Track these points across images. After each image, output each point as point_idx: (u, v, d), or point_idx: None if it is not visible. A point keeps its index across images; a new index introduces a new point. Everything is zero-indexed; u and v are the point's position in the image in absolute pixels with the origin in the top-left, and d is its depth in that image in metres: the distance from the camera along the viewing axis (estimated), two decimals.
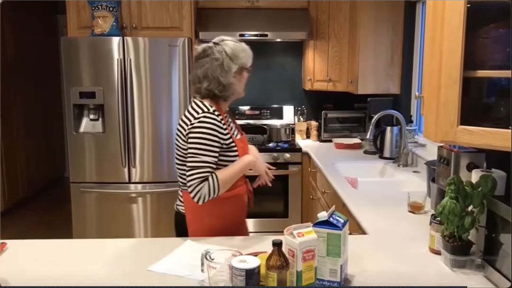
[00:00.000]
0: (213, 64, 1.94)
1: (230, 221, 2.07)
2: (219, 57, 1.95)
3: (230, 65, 1.97)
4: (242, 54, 2.02)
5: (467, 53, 1.49)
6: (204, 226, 1.98)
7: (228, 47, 1.99)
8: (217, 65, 1.94)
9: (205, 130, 1.87)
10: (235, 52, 2.00)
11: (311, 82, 4.23)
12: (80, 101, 3.61)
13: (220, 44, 1.99)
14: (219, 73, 1.94)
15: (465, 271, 1.57)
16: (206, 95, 1.98)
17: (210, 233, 1.95)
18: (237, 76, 2.01)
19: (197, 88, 2.00)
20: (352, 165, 3.32)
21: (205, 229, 1.97)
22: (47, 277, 1.56)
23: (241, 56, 2.02)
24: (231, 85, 1.97)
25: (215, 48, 1.97)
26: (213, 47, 1.98)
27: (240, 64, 2.01)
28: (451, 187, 1.58)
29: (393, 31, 3.68)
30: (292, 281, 1.39)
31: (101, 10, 3.56)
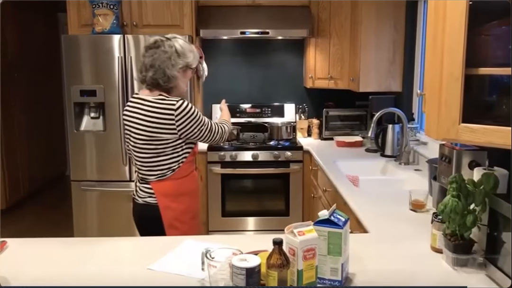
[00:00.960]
0: (161, 56, 2.12)
1: (194, 199, 2.35)
2: (168, 50, 2.13)
3: (177, 60, 2.14)
4: (189, 54, 2.20)
5: (469, 50, 1.48)
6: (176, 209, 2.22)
7: (178, 44, 2.17)
8: (165, 57, 2.12)
9: (191, 110, 2.13)
10: (184, 50, 2.18)
11: (313, 80, 4.22)
12: (81, 99, 3.61)
13: (171, 40, 2.18)
14: (166, 65, 2.12)
15: (467, 269, 1.56)
16: (151, 83, 2.16)
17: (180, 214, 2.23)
18: (181, 72, 2.18)
19: (142, 76, 2.18)
20: (354, 163, 3.32)
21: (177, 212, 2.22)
22: (48, 276, 1.56)
23: (188, 55, 2.19)
24: (175, 78, 2.15)
25: (166, 42, 2.16)
26: (165, 41, 2.17)
27: (186, 62, 2.18)
28: (453, 185, 1.58)
29: (395, 28, 3.67)
30: (293, 280, 1.39)
31: (101, 8, 3.55)
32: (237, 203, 3.99)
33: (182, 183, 2.24)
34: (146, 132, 2.13)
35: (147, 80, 2.16)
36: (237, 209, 3.99)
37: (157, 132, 2.12)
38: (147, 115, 2.12)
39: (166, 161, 2.17)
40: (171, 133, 2.12)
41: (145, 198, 2.23)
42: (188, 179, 2.27)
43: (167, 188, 2.21)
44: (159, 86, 2.16)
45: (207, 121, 2.23)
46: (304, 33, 4.05)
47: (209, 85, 4.35)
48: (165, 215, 2.20)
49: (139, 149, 2.19)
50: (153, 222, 2.19)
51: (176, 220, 2.22)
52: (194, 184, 2.35)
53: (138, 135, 2.16)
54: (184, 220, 2.24)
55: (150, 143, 2.14)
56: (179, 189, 2.23)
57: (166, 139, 2.13)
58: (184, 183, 2.25)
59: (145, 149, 2.16)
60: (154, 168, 2.19)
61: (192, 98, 3.73)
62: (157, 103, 2.12)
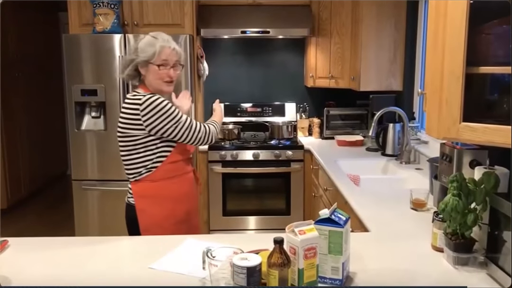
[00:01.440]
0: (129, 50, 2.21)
1: (182, 204, 2.20)
2: (132, 46, 2.18)
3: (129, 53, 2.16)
4: (149, 49, 2.11)
5: (470, 49, 1.48)
6: (153, 213, 2.13)
7: (142, 41, 2.15)
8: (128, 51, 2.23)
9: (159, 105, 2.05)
10: (143, 47, 2.11)
11: (313, 79, 4.22)
12: (81, 99, 3.62)
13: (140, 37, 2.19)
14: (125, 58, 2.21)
15: (468, 268, 1.56)
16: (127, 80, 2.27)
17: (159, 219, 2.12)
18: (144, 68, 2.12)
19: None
20: (354, 163, 3.32)
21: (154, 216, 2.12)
22: (49, 275, 1.56)
23: (146, 50, 2.11)
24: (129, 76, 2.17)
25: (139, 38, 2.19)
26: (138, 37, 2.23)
27: (143, 58, 2.11)
28: (454, 184, 1.58)
29: (396, 27, 3.66)
30: (294, 279, 1.39)
31: (102, 7, 3.56)
32: (238, 202, 3.99)
33: (163, 186, 2.14)
34: (120, 129, 2.13)
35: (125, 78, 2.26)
36: (238, 208, 3.99)
37: (127, 128, 2.10)
38: (121, 112, 2.14)
39: (138, 159, 2.12)
40: (139, 129, 2.07)
41: (128, 197, 2.21)
42: (172, 182, 2.16)
43: (144, 189, 2.14)
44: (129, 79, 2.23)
45: (184, 118, 2.12)
46: (304, 32, 4.05)
47: (210, 84, 4.36)
48: (141, 218, 2.13)
49: (120, 147, 2.17)
50: (132, 223, 2.16)
51: (155, 225, 2.12)
52: (183, 188, 2.23)
53: (118, 132, 2.16)
54: (165, 225, 2.12)
55: (123, 140, 2.13)
56: (159, 192, 2.15)
57: (135, 135, 2.09)
58: (166, 186, 2.15)
59: (121, 146, 2.15)
60: (129, 167, 2.15)
61: (193, 97, 3.73)
62: (129, 99, 2.12)
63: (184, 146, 2.18)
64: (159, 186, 2.13)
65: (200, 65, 3.97)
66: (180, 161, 2.20)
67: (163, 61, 2.11)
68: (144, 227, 2.13)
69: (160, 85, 2.14)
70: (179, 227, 2.14)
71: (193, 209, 2.30)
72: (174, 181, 2.17)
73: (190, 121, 2.14)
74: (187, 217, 2.22)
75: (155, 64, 2.10)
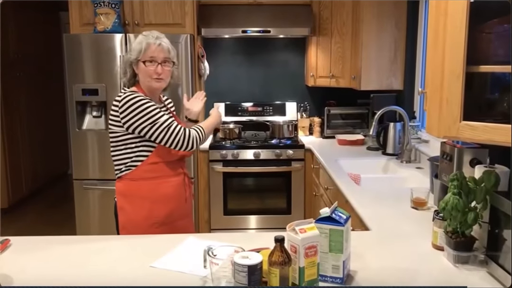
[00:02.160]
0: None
1: (163, 205, 2.16)
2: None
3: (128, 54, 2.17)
4: (136, 47, 2.12)
5: (470, 48, 1.48)
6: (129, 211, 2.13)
7: (135, 41, 2.15)
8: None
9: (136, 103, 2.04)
10: (135, 44, 2.13)
11: (314, 78, 4.22)
12: (82, 98, 3.62)
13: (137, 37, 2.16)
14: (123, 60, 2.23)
15: (468, 267, 1.57)
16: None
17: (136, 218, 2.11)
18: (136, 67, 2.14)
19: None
20: (355, 162, 3.32)
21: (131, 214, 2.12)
22: (50, 274, 1.57)
23: (135, 48, 2.12)
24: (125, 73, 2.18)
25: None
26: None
27: (136, 56, 2.12)
28: (454, 183, 1.58)
29: (396, 27, 3.67)
30: (295, 277, 1.39)
31: (103, 7, 3.56)
32: (239, 201, 3.99)
33: (141, 186, 2.12)
34: (109, 129, 2.16)
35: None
36: (239, 207, 3.99)
37: (110, 124, 2.12)
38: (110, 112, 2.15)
39: (119, 156, 2.14)
40: (118, 125, 2.09)
41: (114, 197, 2.23)
42: (152, 183, 2.13)
43: (122, 187, 2.16)
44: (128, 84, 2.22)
45: (163, 119, 2.06)
46: (305, 32, 4.05)
47: (210, 84, 4.36)
48: (120, 215, 2.17)
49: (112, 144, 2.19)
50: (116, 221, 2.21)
51: (132, 223, 2.13)
52: (164, 190, 2.16)
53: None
54: (143, 226, 2.09)
55: (109, 137, 2.15)
56: (137, 192, 2.13)
57: (115, 131, 2.11)
58: (145, 187, 2.12)
59: (111, 147, 2.17)
60: (114, 163, 2.17)
61: None
62: (115, 100, 2.14)
63: (166, 148, 2.12)
64: (138, 186, 2.12)
65: (201, 64, 3.97)
66: (161, 163, 2.15)
67: (150, 57, 2.10)
68: (122, 225, 2.16)
69: (149, 82, 2.13)
70: (159, 228, 2.10)
71: (177, 212, 2.22)
72: (154, 182, 2.13)
73: (169, 123, 2.07)
74: (168, 220, 2.16)
75: (142, 61, 2.10)
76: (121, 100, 2.06)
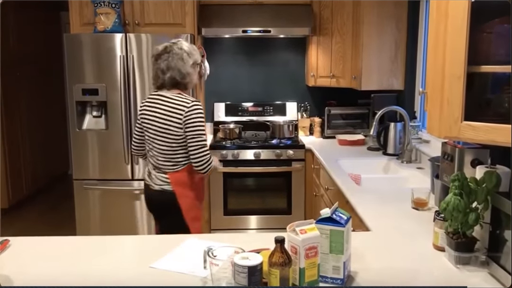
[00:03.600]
0: (174, 58, 2.42)
1: (201, 189, 2.62)
2: (179, 52, 2.43)
3: (187, 58, 2.44)
4: (194, 52, 2.50)
5: (471, 48, 1.48)
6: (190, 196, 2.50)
7: (184, 45, 2.47)
8: (177, 58, 2.42)
9: (200, 115, 2.39)
10: (190, 49, 2.48)
11: (314, 78, 4.22)
12: (83, 98, 3.62)
13: (178, 43, 2.47)
14: (180, 64, 2.43)
15: (469, 267, 1.56)
16: (170, 83, 2.45)
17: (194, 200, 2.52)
18: (193, 68, 2.49)
19: (161, 80, 2.46)
20: (356, 162, 3.32)
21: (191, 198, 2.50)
22: (50, 275, 1.56)
23: (194, 53, 2.49)
24: (189, 74, 2.46)
25: (175, 46, 2.45)
26: (173, 45, 2.45)
27: (194, 59, 2.48)
28: (455, 183, 1.57)
29: (397, 27, 3.66)
30: (295, 278, 1.39)
31: (103, 7, 3.55)
32: (239, 201, 3.99)
33: (194, 176, 2.49)
34: (162, 125, 2.40)
35: (165, 82, 2.45)
36: (239, 207, 3.99)
37: (170, 125, 2.38)
38: (164, 109, 2.41)
39: (180, 153, 2.42)
40: (179, 125, 2.37)
41: (162, 185, 2.48)
42: (199, 174, 2.50)
43: (183, 178, 2.46)
44: (178, 84, 2.46)
45: (205, 137, 2.42)
46: (306, 32, 4.04)
47: (211, 83, 4.36)
48: (182, 201, 2.46)
49: (157, 141, 2.44)
50: (170, 207, 2.46)
51: (193, 206, 2.51)
52: (203, 180, 2.64)
53: (156, 127, 2.43)
54: (199, 207, 2.57)
55: (166, 136, 2.40)
56: (193, 180, 2.50)
57: (177, 132, 2.38)
58: (196, 176, 2.51)
59: (162, 141, 2.42)
60: (171, 159, 2.44)
61: (194, 96, 3.73)
62: (174, 99, 2.40)
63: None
64: (194, 176, 2.49)
65: (201, 64, 3.96)
66: None
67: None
68: (186, 208, 2.48)
69: (196, 81, 2.58)
70: (202, 205, 2.64)
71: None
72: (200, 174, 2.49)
73: (206, 141, 2.42)
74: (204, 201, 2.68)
75: (198, 62, 2.52)
76: (189, 106, 2.36)
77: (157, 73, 2.46)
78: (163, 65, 2.43)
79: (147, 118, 2.48)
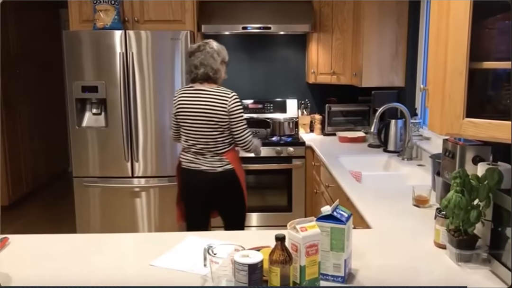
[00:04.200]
0: (206, 55, 2.75)
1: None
2: (210, 51, 2.77)
3: (217, 57, 2.78)
4: (223, 51, 2.85)
5: (473, 44, 1.46)
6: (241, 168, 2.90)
7: (214, 45, 2.81)
8: (209, 56, 2.75)
9: (240, 103, 2.75)
10: (220, 49, 2.83)
11: (315, 75, 4.21)
12: (82, 95, 3.61)
13: (209, 43, 2.81)
14: (212, 61, 2.75)
15: (471, 265, 1.55)
16: (202, 78, 2.76)
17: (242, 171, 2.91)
18: (221, 65, 2.82)
19: (194, 74, 2.77)
20: (356, 159, 3.31)
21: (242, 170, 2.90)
22: (49, 273, 1.56)
23: (223, 52, 2.85)
24: (219, 70, 2.79)
25: (207, 45, 2.79)
26: (205, 45, 2.79)
27: (223, 57, 2.83)
28: (457, 180, 1.56)
29: (398, 23, 3.65)
30: (296, 276, 1.38)
31: (102, 4, 3.54)
32: None
33: (238, 154, 2.91)
34: (209, 114, 2.69)
35: (199, 76, 2.75)
36: None
37: (217, 113, 2.68)
38: (209, 100, 2.70)
39: (226, 136, 2.75)
40: (224, 114, 2.68)
41: (223, 166, 2.77)
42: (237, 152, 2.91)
43: (235, 155, 2.85)
44: (209, 78, 2.76)
45: (245, 121, 2.78)
46: (306, 28, 4.03)
47: None
48: (239, 174, 2.83)
49: (205, 128, 2.71)
50: (234, 183, 2.82)
51: (243, 174, 2.89)
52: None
53: (203, 116, 2.70)
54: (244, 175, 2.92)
55: (214, 123, 2.69)
56: (238, 155, 2.92)
57: (223, 119, 2.69)
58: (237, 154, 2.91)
59: (210, 127, 2.70)
60: (222, 142, 2.75)
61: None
62: (216, 91, 2.72)
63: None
64: (238, 152, 2.90)
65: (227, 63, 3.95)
66: None
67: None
68: (242, 179, 2.85)
69: (225, 76, 2.90)
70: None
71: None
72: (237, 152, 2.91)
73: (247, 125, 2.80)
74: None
75: (226, 61, 2.87)
76: (230, 97, 2.70)
77: (190, 68, 2.78)
78: (196, 61, 2.74)
79: (189, 109, 2.74)
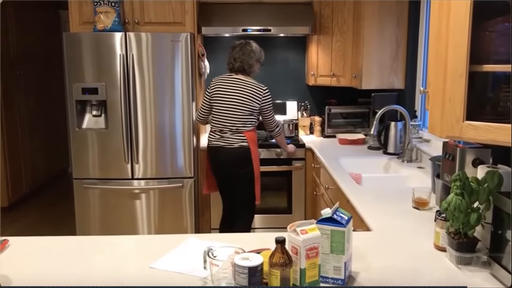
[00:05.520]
0: (245, 52, 3.35)
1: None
2: (249, 48, 3.36)
3: (253, 55, 3.36)
4: (259, 53, 3.41)
5: (473, 46, 1.47)
6: (256, 151, 3.38)
7: (254, 46, 3.39)
8: (247, 53, 3.35)
9: (270, 96, 3.37)
10: (257, 49, 3.41)
11: (315, 77, 4.21)
12: (82, 97, 3.61)
13: (250, 43, 3.38)
14: (249, 58, 3.35)
15: (471, 268, 1.55)
16: (238, 69, 3.36)
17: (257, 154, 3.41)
18: (256, 63, 3.41)
19: (231, 65, 3.38)
20: (356, 161, 3.31)
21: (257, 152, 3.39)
22: (50, 275, 1.56)
23: (259, 53, 3.41)
24: (253, 66, 3.38)
25: (247, 45, 3.36)
26: (246, 44, 3.37)
27: (258, 57, 3.40)
28: (457, 183, 1.56)
29: (398, 25, 3.65)
30: (296, 279, 1.38)
31: (103, 6, 3.54)
32: None
33: (256, 135, 3.43)
34: (243, 98, 3.28)
35: (235, 67, 3.35)
36: None
37: (251, 99, 3.28)
38: (245, 88, 3.30)
39: (252, 118, 3.32)
40: (257, 103, 3.29)
41: (240, 143, 3.29)
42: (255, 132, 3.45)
43: (253, 135, 3.36)
44: (243, 71, 3.35)
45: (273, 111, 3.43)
46: (306, 30, 4.03)
47: None
48: (253, 155, 3.32)
49: (237, 109, 3.28)
50: (246, 160, 3.30)
51: (257, 157, 3.36)
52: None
53: (236, 99, 3.28)
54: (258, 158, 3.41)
55: (245, 106, 3.28)
56: (256, 137, 3.41)
57: (254, 106, 3.29)
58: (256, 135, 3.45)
59: (241, 109, 3.28)
60: (246, 122, 3.30)
61: (194, 95, 3.72)
62: (252, 83, 3.33)
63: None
64: (256, 135, 3.42)
65: (201, 63, 3.96)
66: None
67: None
68: (255, 159, 3.33)
69: (257, 71, 3.48)
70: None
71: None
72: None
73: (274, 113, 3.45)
74: None
75: (261, 61, 3.48)
76: (264, 90, 3.32)
77: (230, 60, 3.37)
78: (236, 55, 3.34)
79: (225, 93, 3.31)
